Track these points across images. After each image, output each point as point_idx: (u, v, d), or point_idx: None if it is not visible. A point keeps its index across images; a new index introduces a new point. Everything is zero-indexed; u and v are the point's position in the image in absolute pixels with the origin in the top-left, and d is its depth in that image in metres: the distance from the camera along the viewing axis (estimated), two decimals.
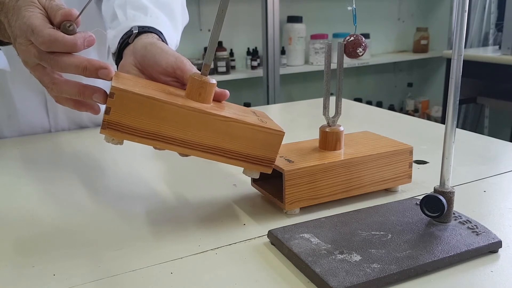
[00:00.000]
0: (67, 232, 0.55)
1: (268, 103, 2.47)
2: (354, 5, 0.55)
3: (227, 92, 0.56)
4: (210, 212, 0.59)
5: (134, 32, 0.63)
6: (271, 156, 0.54)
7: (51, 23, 0.51)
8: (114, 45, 0.66)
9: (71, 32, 0.50)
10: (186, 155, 0.52)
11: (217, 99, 0.56)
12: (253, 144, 0.53)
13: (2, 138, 0.93)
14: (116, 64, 0.67)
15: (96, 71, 0.50)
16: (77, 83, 0.53)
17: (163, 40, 0.66)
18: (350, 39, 0.56)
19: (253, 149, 0.53)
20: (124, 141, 0.49)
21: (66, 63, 0.50)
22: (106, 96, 0.52)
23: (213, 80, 0.53)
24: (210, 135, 0.51)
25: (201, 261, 0.48)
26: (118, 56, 0.65)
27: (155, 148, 0.51)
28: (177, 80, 0.58)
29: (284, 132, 0.54)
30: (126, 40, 0.63)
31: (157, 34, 0.65)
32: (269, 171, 0.55)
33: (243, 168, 0.55)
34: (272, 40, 2.40)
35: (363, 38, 0.57)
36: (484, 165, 0.73)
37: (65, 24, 0.50)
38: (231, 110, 0.54)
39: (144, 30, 0.64)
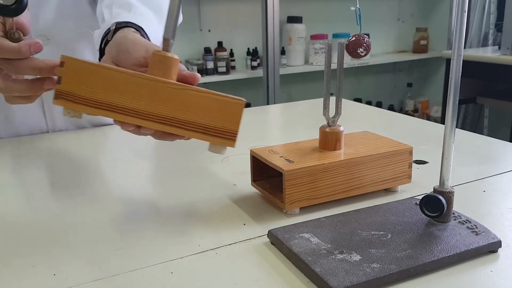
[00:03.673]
0: (67, 232, 0.55)
1: (268, 103, 2.47)
2: (358, 5, 0.55)
3: (198, 75, 0.54)
4: (210, 212, 0.59)
5: (111, 28, 0.64)
6: (232, 128, 0.50)
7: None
8: (97, 44, 0.68)
9: (16, 40, 0.53)
10: (146, 132, 0.51)
11: (187, 82, 0.53)
12: (211, 114, 0.50)
13: None
14: None
15: (52, 69, 0.53)
16: (25, 80, 0.55)
17: (142, 34, 0.66)
18: (352, 39, 0.57)
19: (211, 120, 0.50)
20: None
21: (22, 67, 0.54)
22: (55, 81, 0.55)
23: (174, 55, 0.51)
24: (163, 104, 0.49)
25: (201, 261, 0.48)
26: (102, 54, 0.66)
27: (119, 124, 0.51)
28: None
29: (244, 101, 0.50)
30: (106, 37, 0.64)
31: (136, 29, 0.65)
32: (233, 145, 0.51)
33: (212, 149, 0.52)
34: (272, 40, 2.40)
35: (366, 38, 0.56)
36: (483, 165, 0.73)
37: (11, 32, 0.54)
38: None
39: (121, 26, 0.65)
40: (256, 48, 2.68)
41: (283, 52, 2.70)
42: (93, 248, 0.51)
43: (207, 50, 2.52)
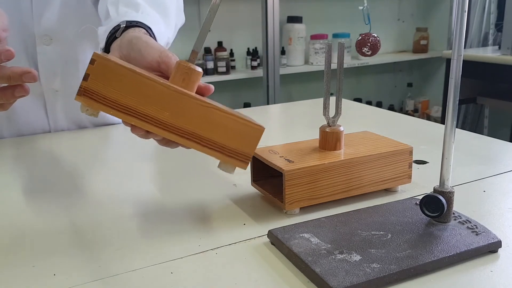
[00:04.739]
0: (67, 232, 0.55)
1: (268, 103, 2.47)
2: (366, 4, 0.55)
3: (212, 86, 0.55)
4: (210, 212, 0.59)
5: (121, 26, 0.63)
6: (247, 151, 0.52)
7: None
8: (102, 40, 0.67)
9: None
10: (154, 137, 0.51)
11: (201, 93, 0.54)
12: (231, 135, 0.51)
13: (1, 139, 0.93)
14: None
15: (20, 77, 0.53)
16: None
17: (151, 35, 0.66)
18: (359, 38, 0.57)
19: (229, 141, 0.51)
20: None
21: None
22: (26, 88, 0.54)
23: (199, 68, 0.52)
24: (187, 119, 0.49)
25: (201, 261, 0.48)
26: (106, 51, 0.65)
27: (129, 126, 0.50)
28: (162, 74, 0.58)
29: (264, 128, 0.52)
30: (114, 34, 0.64)
31: (146, 29, 0.65)
32: (245, 167, 0.52)
33: (220, 163, 0.53)
34: (272, 40, 2.40)
35: (371, 38, 0.56)
36: (483, 165, 0.73)
37: None
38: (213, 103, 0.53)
39: (132, 24, 0.64)
40: (256, 48, 2.68)
41: (283, 52, 2.70)
42: (93, 248, 0.51)
43: (207, 50, 2.52)
